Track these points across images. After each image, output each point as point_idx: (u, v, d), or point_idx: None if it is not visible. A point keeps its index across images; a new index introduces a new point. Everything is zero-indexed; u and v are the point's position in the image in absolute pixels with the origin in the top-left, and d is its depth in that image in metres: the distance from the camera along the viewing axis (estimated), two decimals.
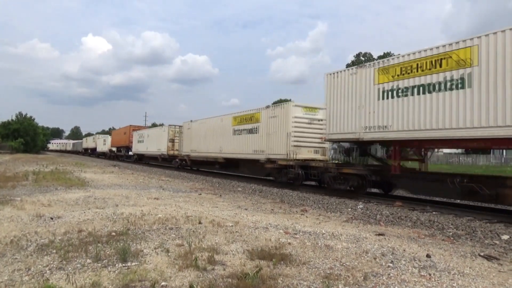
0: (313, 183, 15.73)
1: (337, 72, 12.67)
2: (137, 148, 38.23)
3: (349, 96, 12.07)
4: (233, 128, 19.72)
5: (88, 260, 4.38)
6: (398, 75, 10.40)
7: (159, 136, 31.74)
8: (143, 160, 38.98)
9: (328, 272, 4.26)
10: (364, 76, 11.50)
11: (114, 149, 50.87)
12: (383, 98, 10.86)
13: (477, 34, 8.87)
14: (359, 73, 11.70)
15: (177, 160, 28.24)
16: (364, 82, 11.52)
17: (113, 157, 50.79)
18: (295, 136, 15.46)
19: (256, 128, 17.57)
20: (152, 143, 33.53)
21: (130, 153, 42.99)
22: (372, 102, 11.17)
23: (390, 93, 10.65)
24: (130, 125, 43.25)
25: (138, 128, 43.83)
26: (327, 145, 15.99)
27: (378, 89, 11.00)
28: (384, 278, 4.12)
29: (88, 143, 70.23)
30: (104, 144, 55.83)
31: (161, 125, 32.39)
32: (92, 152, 65.81)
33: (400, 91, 10.35)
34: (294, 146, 15.33)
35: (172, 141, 29.71)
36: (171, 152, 29.56)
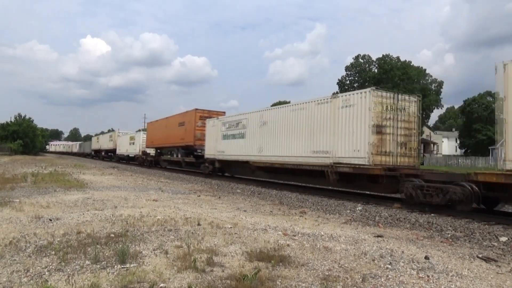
0: None
1: None
2: (222, 148, 20.35)
3: None
4: None
5: (87, 262, 4.38)
6: None
7: (321, 118, 13.47)
8: (229, 171, 21.49)
9: (327, 273, 4.26)
10: None
11: (151, 151, 34.82)
12: None
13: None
14: None
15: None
16: None
17: (151, 163, 34.08)
18: None
19: None
20: (280, 139, 15.59)
21: (185, 158, 25.77)
22: None
23: None
24: (196, 109, 24.41)
25: (209, 114, 24.40)
26: None
27: None
28: (382, 279, 4.13)
29: (100, 143, 55.09)
30: (131, 144, 39.30)
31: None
32: (106, 155, 51.65)
33: None
34: None
35: (379, 130, 11.71)
36: (383, 160, 11.72)
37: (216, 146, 21.12)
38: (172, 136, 28.03)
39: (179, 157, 26.98)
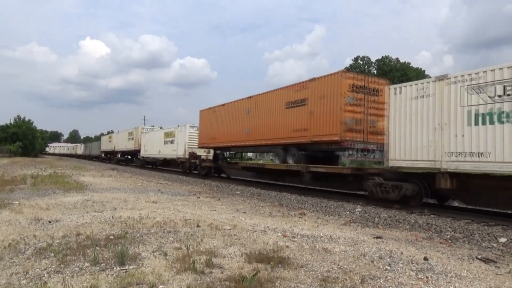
0: None
1: None
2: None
3: None
4: None
5: (86, 264, 4.38)
6: None
7: None
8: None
9: (326, 275, 4.27)
10: None
11: (202, 153, 24.56)
12: None
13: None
14: None
15: None
16: None
17: (209, 172, 22.52)
18: None
19: None
20: None
21: (313, 166, 13.89)
22: None
23: None
24: (344, 72, 13.31)
25: (365, 81, 13.42)
26: None
27: None
28: (381, 281, 4.13)
29: (115, 142, 43.55)
30: (168, 144, 28.08)
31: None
32: (124, 158, 42.03)
33: None
34: None
35: None
36: None
37: (455, 141, 9.43)
38: (269, 128, 16.47)
39: (293, 164, 15.01)
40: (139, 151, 35.45)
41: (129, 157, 40.32)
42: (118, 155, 43.13)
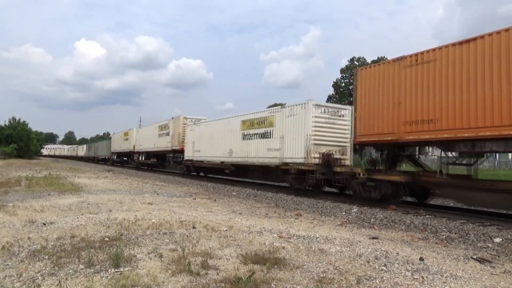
0: None
1: None
2: None
3: None
4: None
5: (81, 266, 4.35)
6: None
7: None
8: None
9: (322, 276, 4.26)
10: None
11: (338, 156, 13.42)
12: None
13: None
14: None
15: None
16: None
17: None
18: None
19: None
20: None
21: None
22: None
23: None
24: None
25: None
26: None
27: None
28: (377, 281, 4.13)
29: (135, 141, 33.59)
30: (254, 139, 16.80)
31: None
32: (149, 161, 31.05)
33: None
34: None
35: None
36: None
37: None
38: None
39: None
40: (179, 151, 25.11)
41: (155, 160, 30.27)
42: (140, 157, 32.15)
